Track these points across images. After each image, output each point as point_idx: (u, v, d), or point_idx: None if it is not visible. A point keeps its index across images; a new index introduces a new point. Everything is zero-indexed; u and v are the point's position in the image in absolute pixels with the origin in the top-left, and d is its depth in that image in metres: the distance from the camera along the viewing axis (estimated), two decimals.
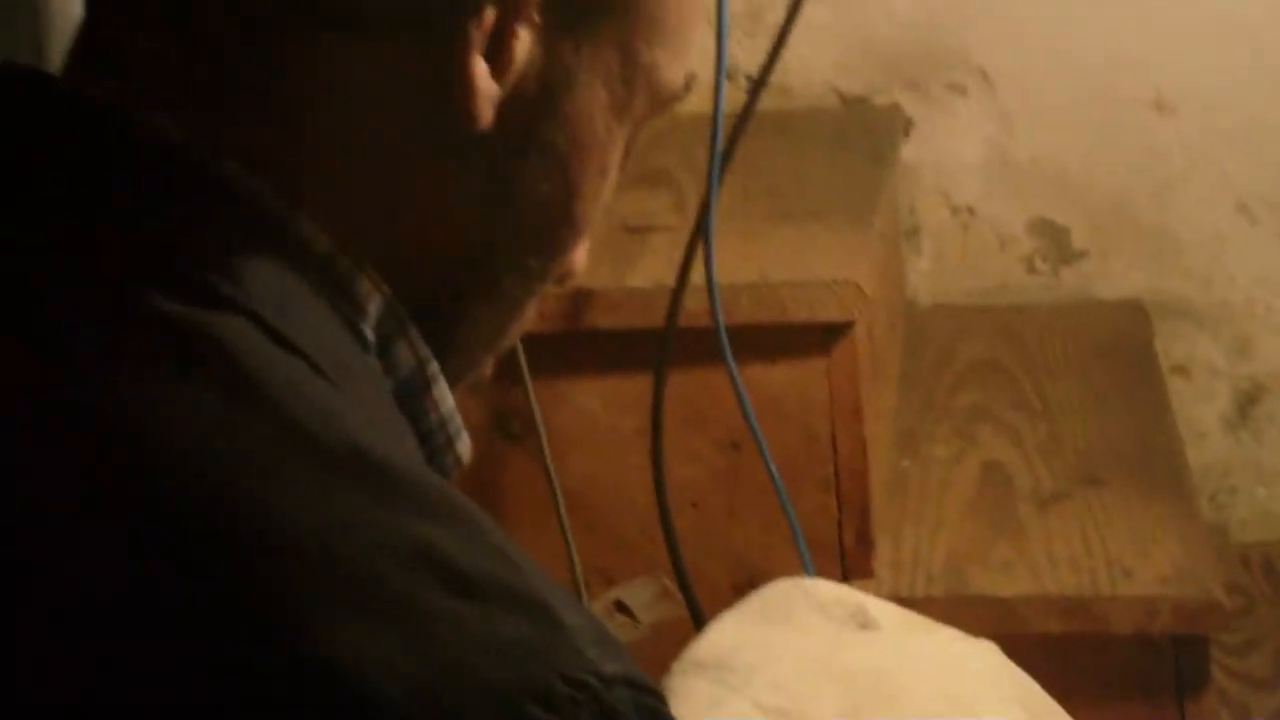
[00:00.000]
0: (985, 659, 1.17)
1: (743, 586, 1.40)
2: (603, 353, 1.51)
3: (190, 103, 0.71)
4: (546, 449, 1.48)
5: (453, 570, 0.61)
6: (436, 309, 0.76)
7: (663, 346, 1.42)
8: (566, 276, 0.83)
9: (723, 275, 1.40)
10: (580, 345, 1.50)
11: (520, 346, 1.38)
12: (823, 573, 1.44)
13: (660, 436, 1.42)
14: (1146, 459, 1.71)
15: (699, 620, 1.38)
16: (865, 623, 1.16)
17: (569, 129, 0.76)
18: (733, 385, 1.40)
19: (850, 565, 1.54)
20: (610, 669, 0.63)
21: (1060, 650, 1.50)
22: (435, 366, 0.76)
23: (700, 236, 1.39)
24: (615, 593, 1.38)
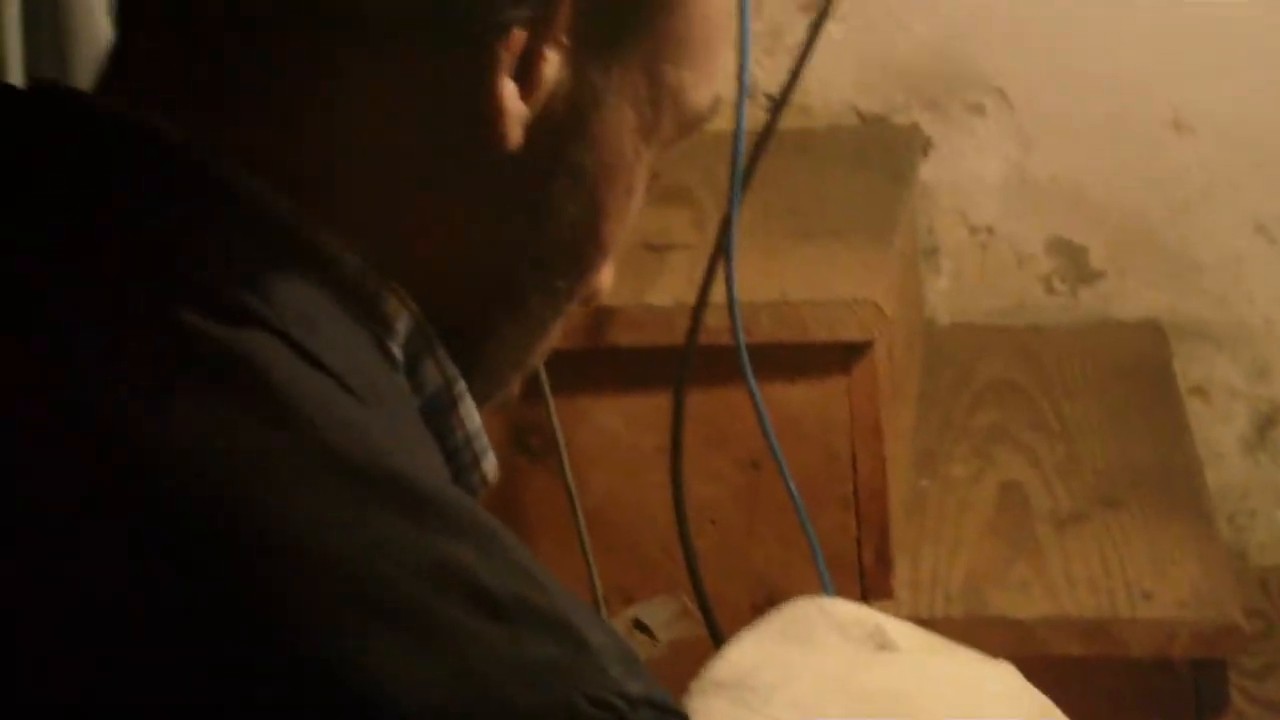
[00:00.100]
0: (1004, 681, 1.16)
1: (762, 605, 1.40)
2: (623, 370, 1.51)
3: (221, 119, 0.72)
4: (567, 466, 1.48)
5: (480, 590, 0.61)
6: (463, 328, 0.77)
7: (683, 364, 1.42)
8: (593, 296, 0.83)
9: (743, 294, 1.40)
10: (601, 363, 1.50)
11: (541, 364, 1.38)
12: (842, 592, 1.44)
13: (680, 455, 1.42)
14: (1165, 480, 1.71)
15: (718, 639, 1.38)
16: (884, 643, 1.16)
17: (596, 150, 0.76)
18: (753, 404, 1.40)
19: (869, 585, 1.53)
20: (635, 689, 0.63)
21: (1079, 673, 1.50)
22: (462, 385, 0.77)
23: (721, 255, 1.39)
24: (634, 611, 1.38)
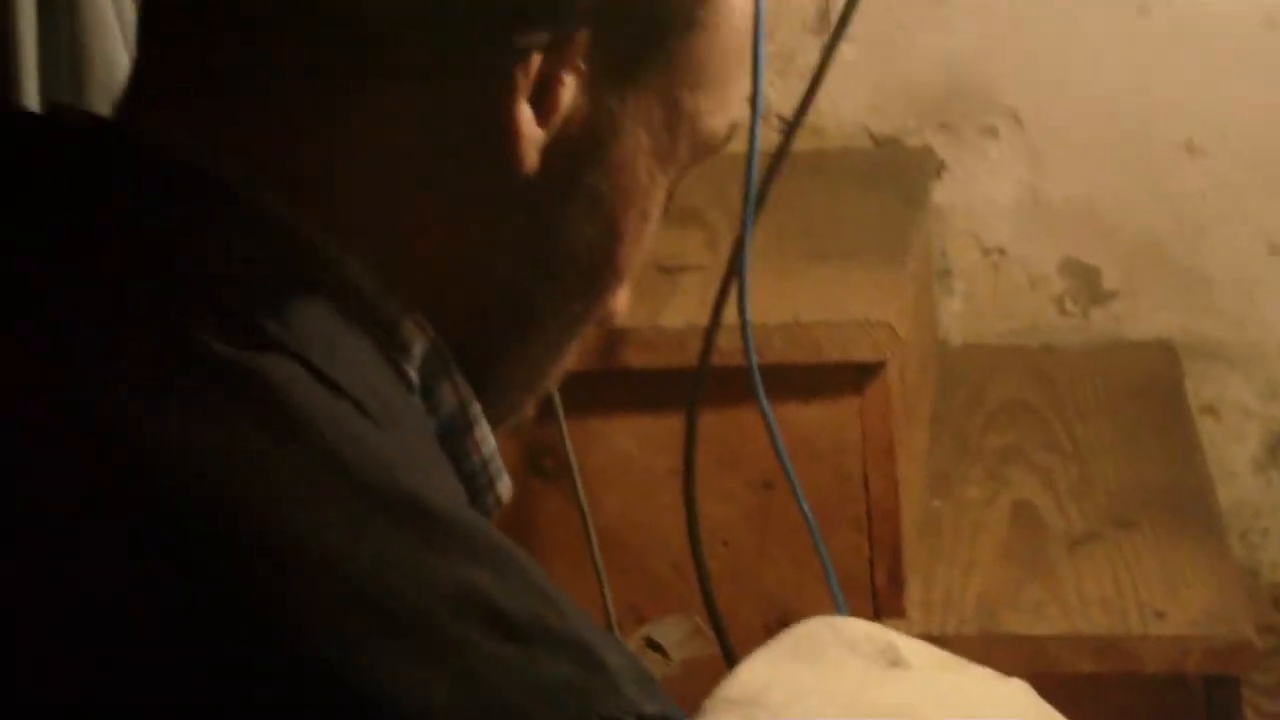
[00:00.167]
0: (1017, 698, 1.16)
1: (774, 625, 1.40)
2: (636, 392, 1.51)
3: (247, 145, 0.72)
4: (580, 487, 1.48)
5: (497, 612, 0.62)
6: (478, 350, 0.77)
7: (696, 386, 1.42)
8: (608, 320, 0.84)
9: (756, 315, 1.40)
10: (614, 384, 1.51)
11: (555, 386, 1.38)
12: (855, 612, 1.45)
13: (693, 476, 1.42)
14: (1177, 500, 1.71)
15: (730, 658, 1.38)
16: (896, 660, 1.16)
17: (612, 175, 0.77)
18: (766, 425, 1.40)
19: (882, 605, 1.54)
20: (650, 709, 0.63)
21: (1092, 690, 1.50)
22: (478, 408, 0.77)
23: (734, 276, 1.39)
24: (647, 630, 1.38)
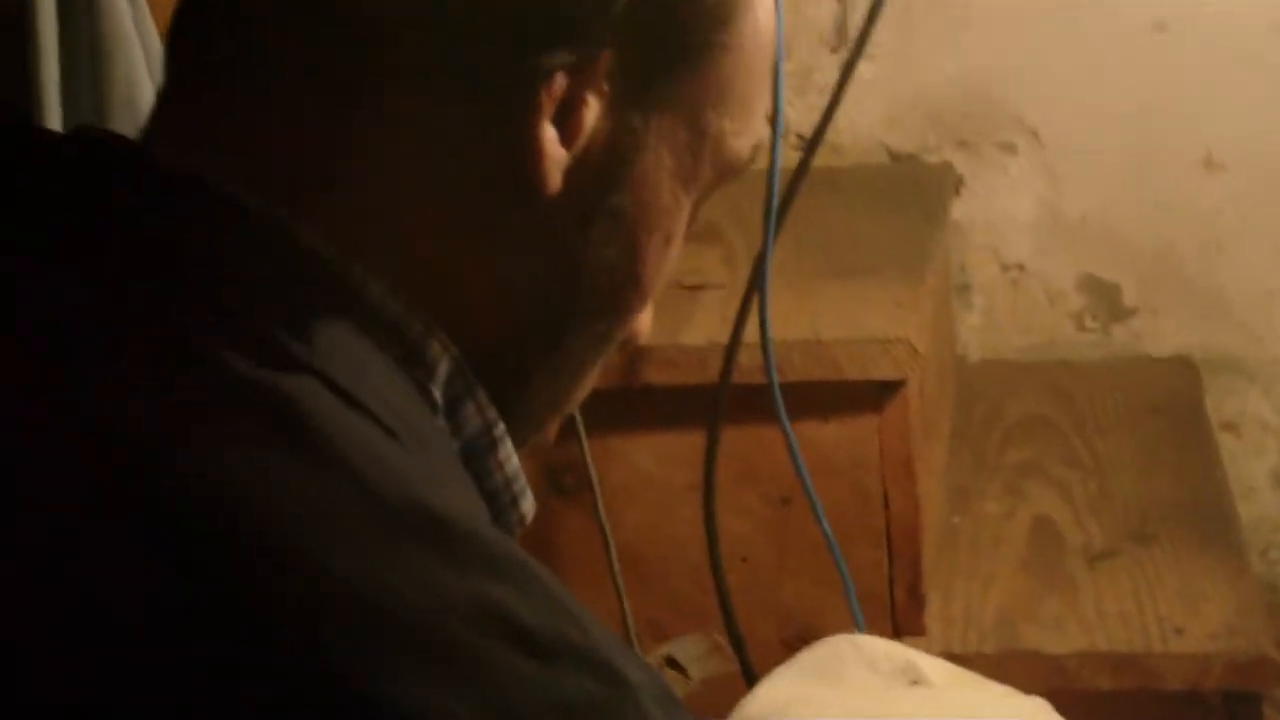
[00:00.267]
0: (1036, 716, 1.17)
1: (793, 641, 1.41)
2: (656, 409, 1.52)
3: (264, 162, 0.73)
4: (600, 504, 1.48)
5: (520, 629, 0.62)
6: (502, 370, 0.77)
7: (717, 403, 1.42)
8: (631, 340, 0.84)
9: (776, 332, 1.41)
10: (634, 401, 1.51)
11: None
12: (873, 628, 1.45)
13: (713, 492, 1.43)
14: (1197, 515, 1.71)
15: (750, 676, 1.38)
16: (916, 679, 1.17)
17: (636, 195, 0.77)
18: (785, 441, 1.40)
19: (901, 621, 1.54)
20: None
21: (1112, 706, 1.50)
22: (501, 428, 0.77)
23: (755, 293, 1.40)
24: (667, 648, 1.39)
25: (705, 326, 1.51)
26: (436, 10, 0.71)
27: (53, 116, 1.29)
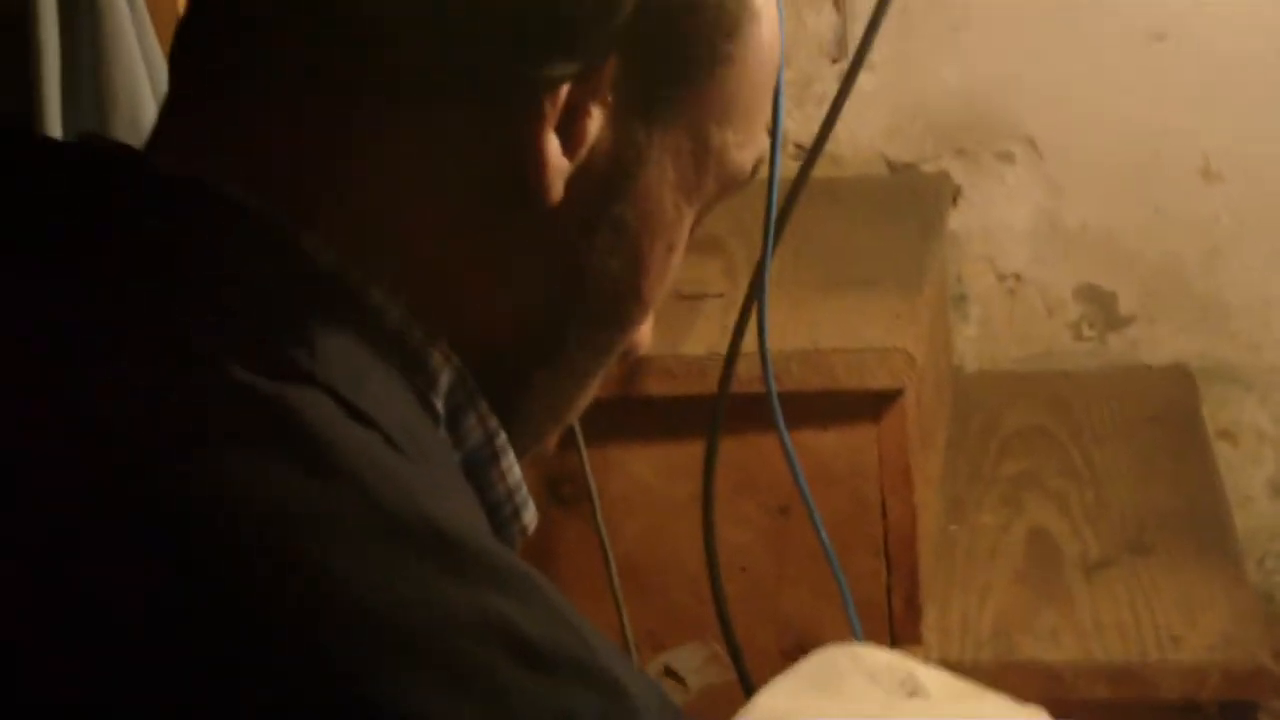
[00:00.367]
0: None
1: (792, 651, 1.41)
2: (655, 419, 1.52)
3: (268, 170, 0.73)
4: (599, 514, 1.48)
5: (523, 642, 0.62)
6: (504, 380, 0.77)
7: (716, 413, 1.43)
8: (633, 351, 0.84)
9: (774, 342, 1.40)
10: (633, 411, 1.51)
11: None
12: (871, 637, 1.45)
13: (711, 502, 1.42)
14: (1194, 525, 1.71)
15: (748, 685, 1.38)
16: (914, 689, 1.17)
17: (638, 207, 0.77)
18: (784, 451, 1.40)
19: (898, 631, 1.54)
20: None
21: (1109, 716, 1.50)
22: (503, 438, 0.77)
23: (753, 303, 1.40)
24: (665, 657, 1.39)
25: (704, 336, 1.52)
26: (438, 16, 0.71)
27: (54, 123, 1.29)
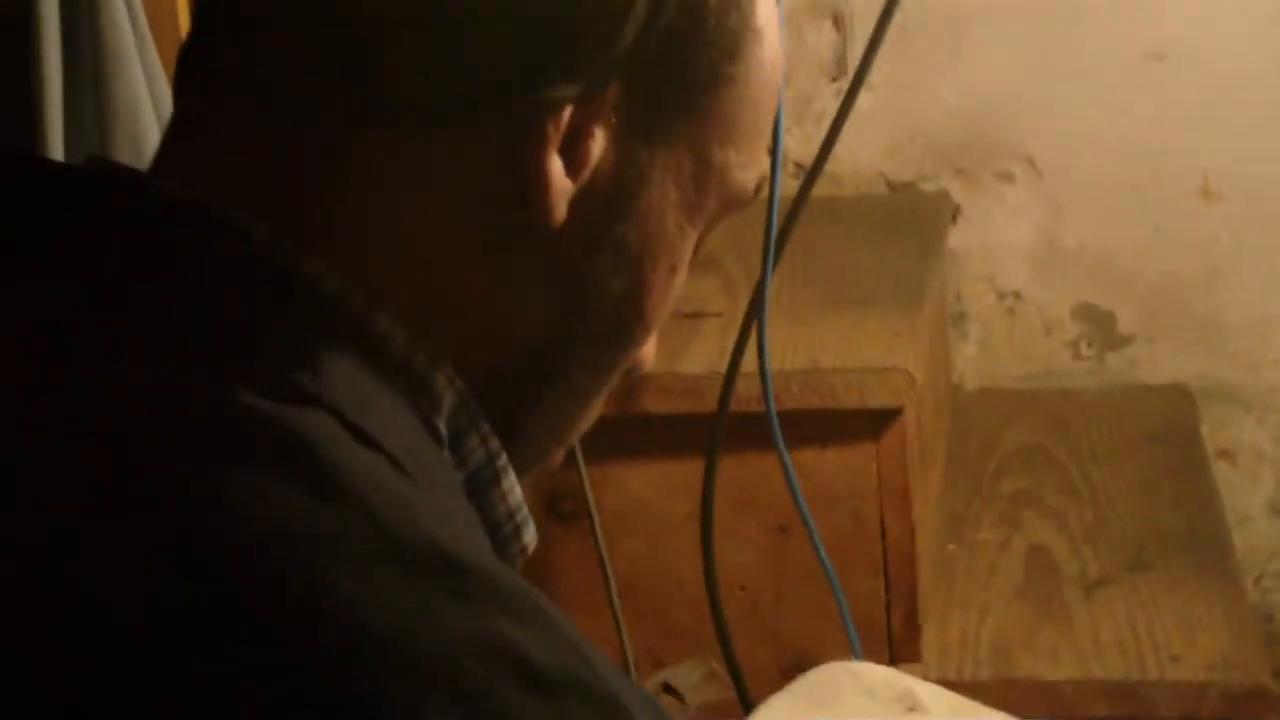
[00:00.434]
0: None
1: (790, 669, 1.41)
2: (655, 437, 1.52)
3: (270, 195, 0.72)
4: (599, 532, 1.48)
5: (528, 666, 0.62)
6: (507, 401, 0.77)
7: (715, 431, 1.43)
8: (635, 371, 0.84)
9: (774, 361, 1.41)
10: (633, 429, 1.51)
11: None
12: (870, 655, 1.45)
13: (711, 520, 1.43)
14: (1193, 544, 1.72)
15: (746, 703, 1.38)
16: (913, 706, 1.17)
17: (640, 227, 0.77)
18: (783, 470, 1.40)
19: (897, 648, 1.54)
20: None
21: None
22: (505, 459, 0.77)
23: (753, 322, 1.40)
24: (664, 675, 1.39)
25: (704, 355, 1.52)
26: (441, 40, 0.71)
27: (55, 139, 1.29)
